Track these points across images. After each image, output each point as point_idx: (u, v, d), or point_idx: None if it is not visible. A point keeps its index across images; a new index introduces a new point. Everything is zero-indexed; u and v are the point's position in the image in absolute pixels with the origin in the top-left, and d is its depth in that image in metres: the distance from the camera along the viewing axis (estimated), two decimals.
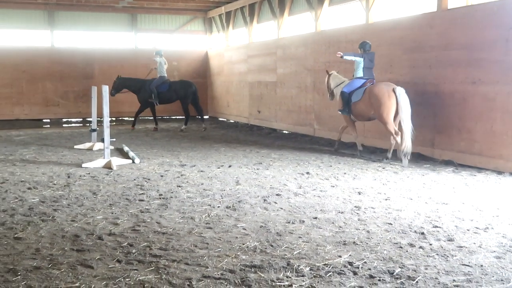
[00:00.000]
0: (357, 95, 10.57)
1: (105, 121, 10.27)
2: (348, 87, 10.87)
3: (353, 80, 10.90)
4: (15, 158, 10.82)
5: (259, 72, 17.70)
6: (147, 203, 6.94)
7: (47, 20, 20.80)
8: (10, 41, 20.54)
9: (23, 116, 20.27)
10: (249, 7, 18.64)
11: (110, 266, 4.60)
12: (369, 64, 10.75)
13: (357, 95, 10.58)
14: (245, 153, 11.66)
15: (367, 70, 10.77)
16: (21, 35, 20.77)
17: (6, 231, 5.62)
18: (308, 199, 7.16)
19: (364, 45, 10.73)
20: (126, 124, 19.30)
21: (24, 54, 20.13)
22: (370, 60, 10.75)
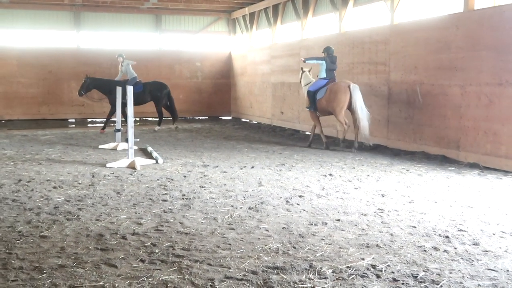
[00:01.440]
0: (321, 93, 12.04)
1: (129, 121, 10.37)
2: (313, 87, 12.30)
3: (317, 80, 12.31)
4: (41, 157, 10.98)
5: (282, 73, 17.68)
6: (170, 203, 6.98)
7: (73, 21, 21.09)
8: (38, 42, 20.87)
9: (49, 115, 20.57)
10: (273, 8, 18.64)
11: (133, 265, 4.64)
12: (332, 66, 12.18)
13: (321, 93, 12.04)
14: (268, 154, 11.66)
15: (329, 72, 12.19)
16: (48, 36, 21.09)
17: (32, 230, 5.71)
18: (331, 201, 7.12)
19: (328, 49, 12.22)
20: (149, 125, 19.45)
21: (51, 54, 20.44)
22: (332, 63, 12.18)
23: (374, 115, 12.75)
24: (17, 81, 20.16)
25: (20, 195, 7.36)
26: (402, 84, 11.86)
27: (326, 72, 12.18)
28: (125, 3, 20.32)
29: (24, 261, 4.72)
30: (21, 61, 20.15)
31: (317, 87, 12.20)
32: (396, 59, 12.04)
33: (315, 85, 12.30)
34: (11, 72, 20.07)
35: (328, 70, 12.17)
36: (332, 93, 11.82)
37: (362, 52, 13.27)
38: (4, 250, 5.02)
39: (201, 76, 22.18)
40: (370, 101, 12.91)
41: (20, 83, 20.18)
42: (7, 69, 19.99)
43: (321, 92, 12.07)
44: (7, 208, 6.64)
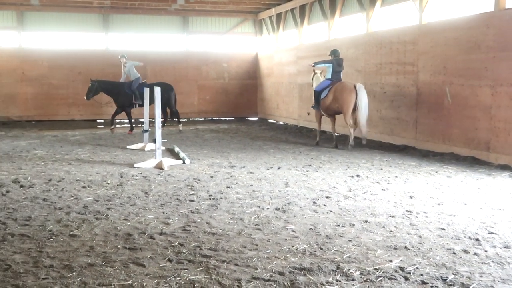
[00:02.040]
0: (324, 93, 12.62)
1: (157, 122, 10.46)
2: (319, 87, 12.91)
3: (323, 81, 12.88)
4: (70, 158, 11.15)
5: (309, 73, 17.59)
6: (197, 203, 7.02)
7: (102, 23, 21.38)
8: (68, 44, 21.21)
9: (78, 116, 20.88)
10: (299, 8, 18.60)
11: (161, 265, 4.68)
12: (338, 68, 12.72)
13: (324, 93, 12.62)
14: (295, 155, 11.63)
15: (335, 73, 12.71)
16: (77, 38, 21.41)
17: (62, 228, 5.80)
18: (358, 202, 7.07)
19: (335, 52, 12.77)
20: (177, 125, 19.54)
21: (80, 56, 20.75)
22: (339, 65, 12.72)
23: (402, 115, 12.63)
24: (48, 83, 20.51)
25: (50, 195, 7.48)
26: (431, 84, 11.71)
27: (332, 73, 12.68)
28: (152, 5, 20.51)
29: (55, 260, 4.80)
30: (51, 63, 20.50)
31: (322, 87, 12.78)
32: (425, 59, 11.90)
33: (320, 86, 12.88)
34: (42, 74, 20.44)
35: (334, 72, 12.69)
36: (338, 92, 12.28)
37: (390, 53, 13.15)
38: (35, 248, 5.12)
39: (227, 77, 22.25)
40: (398, 102, 12.80)
41: (51, 85, 20.53)
42: (38, 70, 20.37)
43: (325, 92, 12.63)
44: (38, 207, 6.76)
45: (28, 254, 4.96)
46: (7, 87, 20.11)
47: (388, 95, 13.25)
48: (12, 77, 20.10)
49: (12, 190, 7.78)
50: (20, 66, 20.22)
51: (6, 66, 20.06)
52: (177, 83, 21.66)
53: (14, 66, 20.18)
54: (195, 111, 22.18)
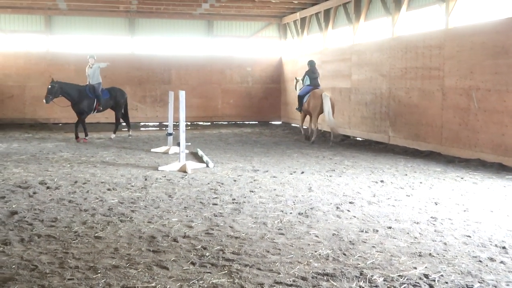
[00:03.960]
0: (306, 97, 14.82)
1: (181, 125, 10.52)
2: (301, 92, 15.13)
3: (305, 87, 15.06)
4: (96, 160, 11.28)
5: (333, 78, 17.58)
6: (220, 207, 7.04)
7: (128, 27, 21.63)
8: (94, 47, 21.47)
9: (103, 119, 21.08)
10: (324, 12, 18.57)
11: (184, 268, 4.70)
12: (313, 75, 15.00)
13: (306, 97, 14.83)
14: (318, 159, 11.60)
15: (313, 80, 14.97)
16: (103, 42, 21.69)
17: (87, 230, 5.87)
18: (382, 208, 7.02)
19: (311, 62, 15.27)
20: (200, 129, 19.67)
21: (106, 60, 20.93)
22: (313, 72, 15.04)
23: (428, 121, 12.50)
24: None
25: (76, 196, 7.58)
26: (456, 89, 11.58)
27: (310, 80, 14.97)
28: (178, 9, 20.69)
29: (80, 261, 4.85)
30: (78, 66, 20.74)
31: (304, 92, 15.01)
32: (451, 64, 11.77)
33: (303, 91, 15.12)
34: (68, 77, 20.57)
35: (312, 79, 14.98)
36: (311, 98, 14.61)
37: (416, 57, 13.04)
38: (61, 249, 5.19)
39: (251, 81, 22.31)
40: (423, 107, 12.68)
41: None
42: (65, 74, 20.62)
43: (306, 96, 14.86)
44: (64, 208, 6.86)
45: (54, 255, 5.03)
46: (35, 90, 20.45)
47: (413, 100, 13.14)
48: (39, 80, 20.44)
49: (38, 191, 7.90)
50: (47, 69, 20.55)
51: (34, 69, 20.42)
52: (201, 87, 21.87)
53: (41, 69, 20.53)
54: (219, 114, 22.27)
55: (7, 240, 5.45)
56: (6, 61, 20.31)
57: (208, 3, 18.92)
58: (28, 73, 20.41)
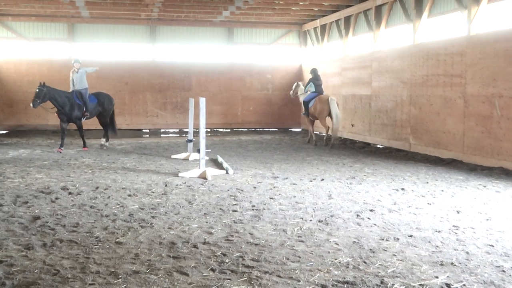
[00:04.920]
0: (312, 103, 16.00)
1: (201, 132, 10.57)
2: (307, 98, 16.26)
3: (310, 93, 16.25)
4: (117, 166, 11.38)
5: (353, 85, 17.52)
6: (240, 213, 7.05)
7: (149, 35, 21.84)
8: (115, 55, 21.74)
9: (124, 126, 21.31)
10: (344, 19, 18.53)
11: (204, 274, 4.71)
12: (317, 82, 16.20)
13: (312, 102, 16.01)
14: (338, 167, 11.55)
15: (317, 87, 16.19)
16: (125, 49, 21.92)
17: (109, 236, 5.92)
18: (403, 216, 6.96)
19: (314, 70, 16.42)
20: (220, 136, 19.73)
21: (127, 67, 21.25)
22: (317, 79, 16.24)
23: (449, 128, 12.39)
24: None
25: (97, 202, 7.66)
26: (479, 97, 11.46)
27: (315, 87, 16.21)
28: (198, 17, 20.83)
29: (101, 266, 4.90)
30: (100, 73, 20.92)
31: (310, 98, 16.18)
32: (473, 71, 11.65)
33: (308, 97, 16.26)
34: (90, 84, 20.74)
35: (316, 85, 16.18)
36: (317, 103, 15.72)
37: (437, 64, 12.94)
38: (83, 254, 5.24)
39: (271, 88, 22.34)
40: (445, 114, 12.56)
41: None
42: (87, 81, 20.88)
43: (312, 102, 16.01)
44: (86, 214, 6.93)
45: (76, 260, 5.08)
46: None
47: (434, 107, 13.02)
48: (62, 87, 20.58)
49: (61, 197, 8.00)
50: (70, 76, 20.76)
51: (57, 77, 20.67)
52: (221, 94, 21.95)
53: (65, 77, 20.68)
54: (239, 121, 22.33)
55: (30, 244, 5.52)
56: (30, 68, 20.63)
57: (228, 10, 19.02)
58: (51, 80, 20.56)
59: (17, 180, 9.48)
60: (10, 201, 7.63)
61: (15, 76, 20.66)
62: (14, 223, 6.42)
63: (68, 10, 19.31)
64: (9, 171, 10.47)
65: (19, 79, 20.77)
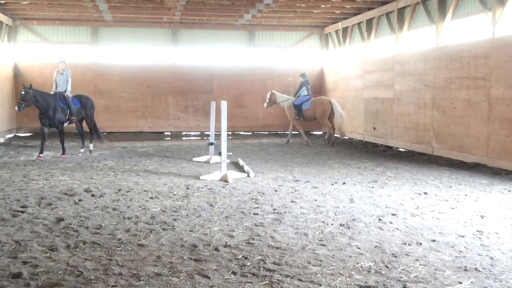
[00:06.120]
0: (306, 105, 17.13)
1: (222, 135, 10.60)
2: (298, 101, 17.26)
3: (302, 97, 17.33)
4: (139, 168, 11.47)
5: (375, 88, 17.42)
6: (261, 217, 7.05)
7: (171, 38, 21.99)
8: (138, 58, 21.93)
9: (146, 128, 21.49)
10: (366, 22, 18.44)
11: (225, 277, 4.72)
12: (308, 86, 17.59)
13: (306, 105, 17.14)
14: (360, 170, 11.48)
15: (308, 90, 17.49)
16: (147, 52, 22.10)
17: (131, 238, 5.97)
18: (425, 221, 6.89)
19: (304, 75, 17.77)
20: (241, 139, 19.76)
21: (150, 70, 21.41)
22: (308, 83, 17.60)
23: (473, 132, 12.23)
24: (118, 96, 21.25)
25: (120, 204, 7.72)
26: (504, 100, 11.30)
27: (307, 91, 17.43)
28: (220, 20, 20.90)
29: (123, 268, 4.94)
30: (122, 76, 21.26)
31: (302, 101, 17.19)
32: (498, 74, 11.50)
33: (300, 100, 17.26)
34: (113, 87, 21.22)
35: (307, 89, 17.44)
36: (317, 106, 17.01)
37: (461, 67, 12.79)
38: (105, 256, 5.29)
39: (293, 91, 22.24)
40: (468, 118, 12.41)
41: (121, 98, 21.27)
42: (110, 84, 21.16)
43: (307, 104, 17.11)
44: (108, 216, 6.99)
45: (99, 261, 5.13)
46: None
47: (458, 111, 12.88)
48: (85, 90, 20.85)
49: (84, 199, 8.09)
50: (93, 79, 21.07)
51: (80, 80, 20.90)
52: (242, 97, 21.99)
53: (88, 80, 21.05)
54: (260, 124, 22.34)
55: (54, 246, 5.59)
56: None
57: (250, 13, 19.06)
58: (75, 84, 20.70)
59: (41, 182, 9.62)
60: (34, 203, 7.74)
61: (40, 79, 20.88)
62: (39, 224, 6.51)
63: (92, 14, 19.54)
64: (34, 173, 10.62)
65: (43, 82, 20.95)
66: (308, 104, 17.14)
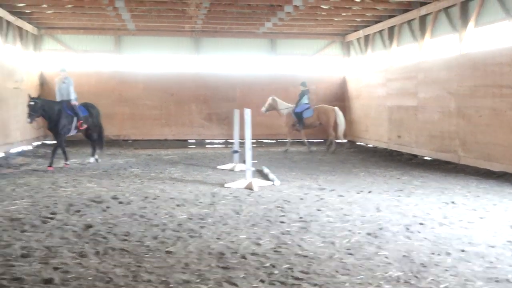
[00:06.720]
0: (308, 113, 17.31)
1: (247, 143, 10.63)
2: (299, 109, 17.37)
3: (302, 105, 17.39)
4: (164, 176, 11.55)
5: (398, 96, 17.31)
6: (287, 225, 7.05)
7: (193, 46, 22.16)
8: (161, 66, 22.13)
9: (170, 136, 21.63)
10: (388, 30, 18.38)
11: (253, 285, 4.73)
12: (309, 95, 17.75)
13: (307, 113, 17.31)
14: (385, 179, 11.40)
15: (309, 99, 17.59)
16: (170, 60, 22.29)
17: (159, 245, 6.01)
18: (454, 230, 6.82)
19: (304, 83, 17.72)
20: (265, 147, 19.78)
21: (173, 78, 21.58)
22: (308, 92, 17.72)
23: (499, 140, 12.07)
24: (143, 104, 21.45)
25: (147, 212, 7.79)
26: None
27: (308, 99, 17.53)
28: (242, 28, 21.00)
29: (152, 275, 4.98)
30: (146, 84, 21.46)
31: (303, 109, 17.31)
32: None
33: (301, 108, 17.36)
34: (137, 95, 21.43)
35: (308, 98, 17.51)
36: (321, 114, 17.32)
37: (485, 75, 12.65)
38: (134, 263, 5.34)
39: (316, 99, 22.25)
40: (495, 126, 12.25)
41: (145, 105, 21.45)
42: (134, 92, 21.38)
43: (308, 112, 17.29)
44: (136, 223, 7.06)
45: (128, 268, 5.18)
46: (105, 108, 21.09)
47: (483, 119, 12.72)
48: (110, 98, 21.21)
49: (111, 206, 8.18)
50: (117, 87, 21.32)
51: (104, 88, 21.21)
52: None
53: (111, 88, 21.30)
54: (284, 132, 22.28)
55: (83, 252, 5.67)
56: (79, 80, 21.04)
57: (271, 21, 19.11)
58: (99, 92, 21.18)
59: (69, 189, 9.75)
60: (63, 210, 7.85)
61: None
62: (68, 231, 6.60)
63: (115, 23, 19.79)
64: (61, 180, 10.77)
65: None
66: (309, 112, 17.32)
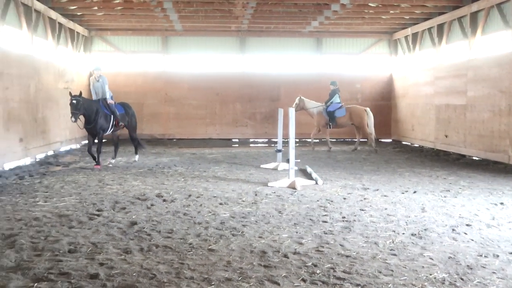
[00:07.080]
0: (340, 113, 17.25)
1: (290, 142, 10.61)
2: (332, 108, 17.33)
3: (334, 104, 17.36)
4: (208, 175, 11.65)
5: (446, 94, 16.92)
6: (330, 224, 7.00)
7: (239, 46, 22.28)
8: (207, 66, 22.35)
9: (215, 135, 21.82)
10: (437, 27, 17.99)
11: (295, 284, 4.72)
12: (339, 94, 17.56)
13: (340, 113, 17.25)
14: (431, 179, 11.17)
15: (340, 98, 17.57)
16: (216, 59, 22.48)
17: (201, 242, 6.07)
18: (502, 232, 6.62)
19: (334, 82, 17.75)
20: (308, 146, 19.68)
21: (218, 78, 21.75)
22: (339, 91, 17.64)
23: None
24: (188, 103, 21.71)
25: (190, 210, 7.88)
26: None
27: (339, 98, 17.52)
28: (287, 28, 20.98)
29: (195, 272, 5.03)
30: (191, 84, 21.71)
31: (335, 108, 17.31)
32: None
33: (333, 107, 17.34)
34: (182, 95, 21.71)
35: (339, 97, 17.54)
36: (353, 114, 17.21)
37: None
38: (177, 260, 5.41)
39: (361, 97, 22.03)
40: None
41: (191, 105, 21.71)
42: (179, 92, 21.67)
43: (340, 112, 17.23)
44: (179, 221, 7.15)
45: (171, 265, 5.25)
46: (152, 107, 21.60)
47: None
48: (156, 98, 21.58)
49: (156, 203, 8.30)
50: (163, 87, 21.65)
51: (151, 88, 21.58)
52: None
53: (158, 88, 21.65)
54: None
55: (128, 249, 5.78)
56: (127, 80, 21.62)
57: (317, 20, 19.02)
58: (146, 91, 21.60)
59: (115, 186, 9.96)
60: (109, 207, 8.03)
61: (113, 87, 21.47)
62: (113, 227, 6.74)
63: (162, 23, 20.11)
64: (108, 178, 11.01)
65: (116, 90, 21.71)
66: (342, 112, 17.26)
